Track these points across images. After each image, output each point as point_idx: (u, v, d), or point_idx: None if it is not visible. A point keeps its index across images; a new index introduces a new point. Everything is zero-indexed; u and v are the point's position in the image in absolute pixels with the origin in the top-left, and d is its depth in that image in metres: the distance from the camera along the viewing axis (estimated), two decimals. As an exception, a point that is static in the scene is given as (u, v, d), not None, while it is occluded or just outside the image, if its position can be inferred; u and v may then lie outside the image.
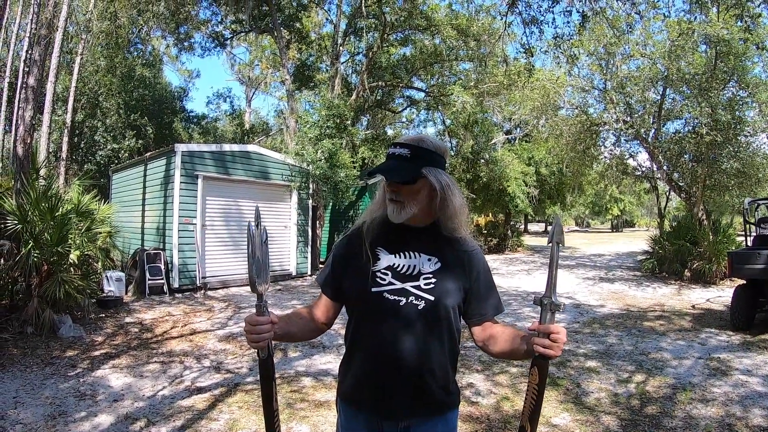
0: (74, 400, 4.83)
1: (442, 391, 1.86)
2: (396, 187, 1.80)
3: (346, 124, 14.58)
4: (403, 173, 1.78)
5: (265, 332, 1.65)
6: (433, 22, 16.66)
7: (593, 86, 16.69)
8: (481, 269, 1.93)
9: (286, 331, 1.88)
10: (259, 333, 1.64)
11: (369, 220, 1.94)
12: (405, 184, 1.79)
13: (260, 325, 1.64)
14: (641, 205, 58.98)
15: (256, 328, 1.65)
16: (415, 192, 1.80)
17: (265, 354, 1.67)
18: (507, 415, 4.73)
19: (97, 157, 22.39)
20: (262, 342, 1.65)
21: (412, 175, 1.78)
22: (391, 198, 1.81)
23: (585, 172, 21.44)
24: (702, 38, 13.32)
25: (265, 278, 1.71)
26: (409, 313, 1.78)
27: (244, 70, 36.47)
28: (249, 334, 1.66)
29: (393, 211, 1.81)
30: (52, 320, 7.05)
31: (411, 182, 1.79)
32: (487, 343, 1.90)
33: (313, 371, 6.01)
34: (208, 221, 12.19)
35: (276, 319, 1.69)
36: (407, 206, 1.80)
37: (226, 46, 22.47)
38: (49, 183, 8.79)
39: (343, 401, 1.94)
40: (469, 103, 16.84)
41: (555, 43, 9.04)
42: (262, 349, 1.67)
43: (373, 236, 1.90)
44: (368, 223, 1.93)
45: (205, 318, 8.96)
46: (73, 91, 19.32)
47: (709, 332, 8.25)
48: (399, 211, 1.80)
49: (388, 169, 1.80)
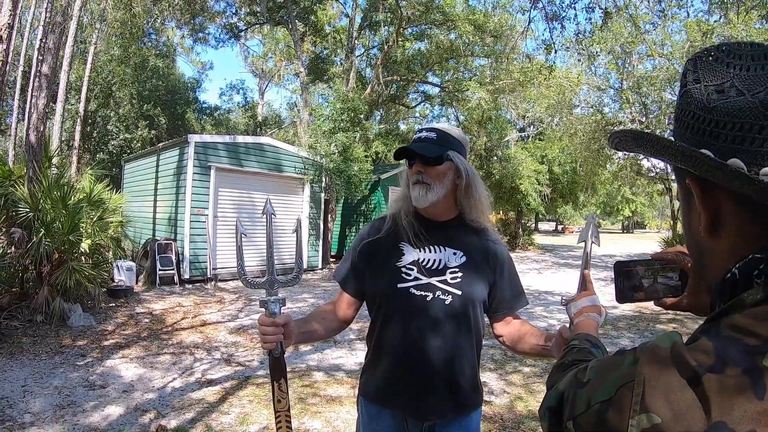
0: (83, 390, 4.81)
1: (471, 390, 1.83)
2: (422, 168, 1.75)
3: (360, 118, 14.49)
4: (431, 150, 1.74)
5: (270, 333, 1.59)
6: (450, 17, 16.51)
7: (609, 85, 16.56)
8: (505, 262, 1.89)
9: (308, 330, 1.83)
10: (265, 334, 1.59)
11: (392, 213, 1.89)
12: (431, 165, 1.74)
13: (267, 327, 1.59)
14: (652, 207, 58.73)
15: (262, 329, 1.60)
16: (441, 174, 1.76)
17: (277, 352, 1.62)
18: (520, 415, 4.66)
19: (110, 146, 22.48)
20: (268, 344, 1.60)
21: (438, 154, 1.74)
22: (417, 180, 1.76)
23: (598, 171, 21.29)
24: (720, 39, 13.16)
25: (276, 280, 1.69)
26: (437, 309, 1.74)
27: (258, 62, 36.39)
28: (260, 334, 1.62)
29: (419, 194, 1.75)
30: (62, 309, 7.05)
31: (437, 163, 1.75)
32: (511, 338, 1.86)
33: (324, 366, 5.96)
34: (220, 213, 12.17)
35: (283, 321, 1.61)
36: (434, 188, 1.75)
37: (240, 37, 22.48)
38: (61, 171, 8.79)
39: (366, 399, 1.89)
40: (484, 100, 16.71)
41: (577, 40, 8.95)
42: (273, 349, 1.61)
43: (396, 231, 1.85)
44: (391, 217, 1.89)
45: (215, 309, 8.94)
46: (87, 81, 19.37)
47: (724, 336, 8.13)
48: (425, 193, 1.75)
49: (416, 148, 1.75)
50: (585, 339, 1.23)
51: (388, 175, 17.41)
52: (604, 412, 0.65)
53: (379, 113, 25.15)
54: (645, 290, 1.12)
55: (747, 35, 12.06)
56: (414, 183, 1.76)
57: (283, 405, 1.65)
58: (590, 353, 1.14)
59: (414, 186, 1.76)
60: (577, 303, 1.44)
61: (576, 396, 0.73)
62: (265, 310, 1.62)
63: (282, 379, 1.64)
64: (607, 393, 0.66)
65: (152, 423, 4.15)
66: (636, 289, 1.12)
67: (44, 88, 8.01)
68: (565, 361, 1.09)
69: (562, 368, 1.05)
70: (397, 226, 1.85)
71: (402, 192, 1.87)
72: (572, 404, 0.74)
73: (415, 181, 1.76)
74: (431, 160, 1.74)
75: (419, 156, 1.75)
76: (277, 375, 1.64)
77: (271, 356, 1.62)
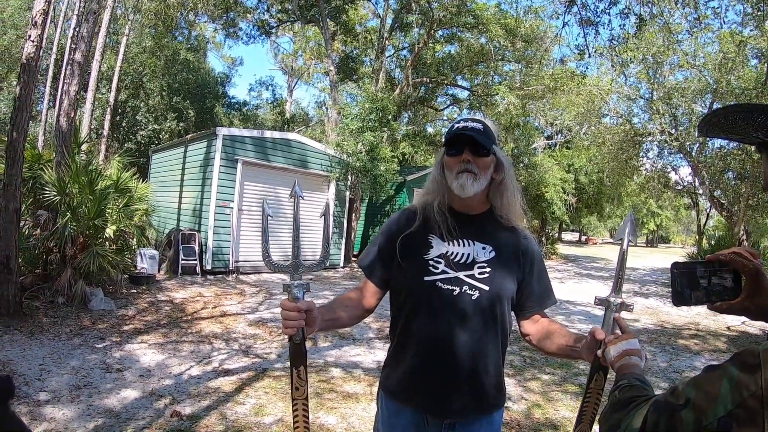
0: (100, 372, 4.85)
1: (495, 390, 1.79)
2: (471, 157, 1.71)
3: (389, 119, 14.47)
4: (485, 140, 1.71)
5: (293, 319, 1.55)
6: (481, 20, 16.44)
7: (639, 95, 16.33)
8: (535, 259, 1.85)
9: (332, 318, 1.80)
10: (288, 319, 1.55)
11: (423, 204, 1.85)
12: (480, 156, 1.72)
13: (289, 311, 1.55)
14: (678, 221, 57.87)
15: (285, 314, 1.56)
16: (486, 165, 1.74)
17: (298, 338, 1.58)
18: (538, 422, 4.60)
19: (138, 136, 22.77)
20: (289, 329, 1.56)
21: (489, 145, 1.72)
22: (465, 169, 1.71)
23: (625, 182, 21.02)
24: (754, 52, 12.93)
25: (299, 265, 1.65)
26: (464, 304, 1.70)
27: (287, 60, 36.57)
28: (282, 319, 1.58)
29: (467, 182, 1.71)
30: (84, 292, 7.14)
31: (486, 154, 1.73)
32: (539, 337, 1.82)
33: (342, 362, 5.94)
34: (245, 206, 12.24)
35: (306, 306, 1.57)
36: (480, 179, 1.72)
37: (271, 34, 22.61)
38: (89, 158, 8.90)
39: (387, 395, 1.85)
40: (513, 105, 16.60)
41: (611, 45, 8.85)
42: (295, 335, 1.58)
43: (426, 223, 1.82)
44: (422, 208, 1.85)
45: (236, 301, 8.97)
46: (118, 71, 19.64)
47: (746, 355, 7.95)
48: (472, 182, 1.71)
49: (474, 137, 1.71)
50: (633, 378, 1.19)
51: (413, 177, 17.38)
52: (729, 425, 0.63)
53: (407, 115, 25.12)
54: (702, 292, 1.10)
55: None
56: (461, 171, 1.72)
57: (301, 393, 1.62)
58: (644, 389, 1.10)
59: (460, 174, 1.72)
60: (618, 346, 1.39)
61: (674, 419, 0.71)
62: (288, 294, 1.58)
63: (302, 366, 1.61)
64: (724, 407, 0.64)
65: (167, 408, 4.16)
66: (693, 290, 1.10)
67: (76, 76, 8.12)
68: (621, 399, 1.06)
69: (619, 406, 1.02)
70: (427, 217, 1.82)
71: (436, 182, 1.83)
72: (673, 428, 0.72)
73: (463, 170, 1.72)
74: (482, 150, 1.72)
75: (470, 145, 1.72)
76: (297, 361, 1.61)
77: (292, 342, 1.59)
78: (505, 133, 21.56)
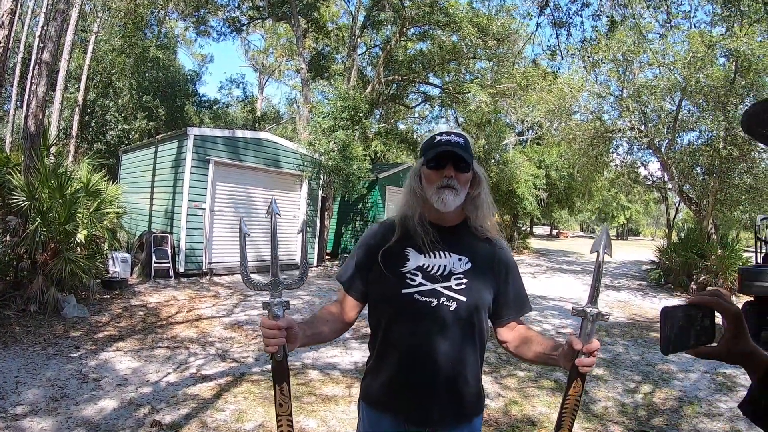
0: (77, 383, 4.77)
1: (474, 398, 1.82)
2: (455, 173, 1.74)
3: (360, 117, 14.46)
4: (468, 156, 1.74)
5: (272, 337, 1.55)
6: (454, 18, 16.48)
7: (609, 93, 16.54)
8: (510, 269, 1.89)
9: (314, 333, 1.79)
10: (268, 337, 1.55)
11: (402, 217, 1.87)
12: (461, 171, 1.75)
13: (269, 329, 1.55)
14: (647, 215, 58.87)
15: (265, 332, 1.56)
16: (466, 180, 1.78)
17: (280, 356, 1.59)
18: (515, 419, 4.68)
19: (108, 136, 22.39)
20: (271, 347, 1.56)
21: (470, 161, 1.76)
22: (447, 185, 1.74)
23: (595, 178, 21.33)
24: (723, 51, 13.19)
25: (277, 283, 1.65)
26: (441, 315, 1.73)
27: (258, 57, 36.26)
28: (263, 337, 1.58)
29: (448, 198, 1.74)
30: (56, 299, 7.02)
31: (467, 170, 1.76)
32: (517, 344, 1.85)
33: (320, 364, 5.95)
34: (217, 207, 12.14)
35: (286, 324, 1.57)
36: (460, 193, 1.76)
37: (242, 32, 22.34)
38: (59, 161, 8.73)
39: (368, 404, 1.87)
40: (485, 102, 16.70)
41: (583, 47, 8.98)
42: (276, 353, 1.58)
43: (401, 235, 1.84)
44: (401, 221, 1.86)
45: (210, 304, 8.91)
46: (87, 70, 19.29)
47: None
48: (454, 197, 1.74)
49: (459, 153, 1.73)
50: None
51: (386, 175, 17.41)
52: None
53: (379, 112, 25.13)
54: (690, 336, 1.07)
55: (749, 48, 12.10)
56: (442, 187, 1.74)
57: (285, 409, 1.63)
58: None
59: (441, 190, 1.74)
60: None
61: None
62: (268, 312, 1.58)
63: (284, 383, 1.62)
64: None
65: (147, 418, 4.12)
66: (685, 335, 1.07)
67: (44, 76, 7.96)
68: None
69: None
70: (405, 230, 1.84)
71: (414, 194, 1.84)
72: None
73: (444, 185, 1.74)
74: (463, 166, 1.75)
75: (453, 160, 1.74)
76: (279, 379, 1.61)
77: (274, 360, 1.59)
78: (477, 129, 21.71)
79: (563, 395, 1.59)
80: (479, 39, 16.92)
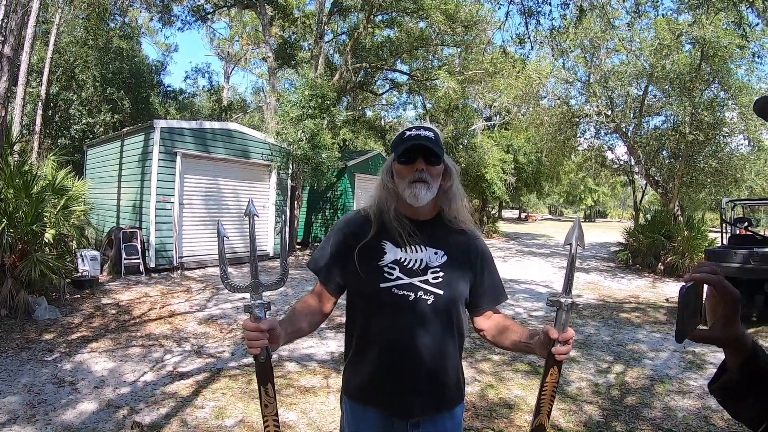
0: (53, 387, 4.70)
1: (454, 388, 1.86)
2: (426, 167, 1.76)
3: (328, 105, 14.38)
4: (438, 149, 1.76)
5: (254, 339, 1.54)
6: (421, 5, 16.42)
7: (577, 78, 16.74)
8: (486, 260, 1.92)
9: (295, 330, 1.80)
10: (251, 339, 1.55)
11: (378, 210, 1.87)
12: (432, 165, 1.77)
13: (252, 332, 1.54)
14: (615, 197, 59.78)
15: (247, 334, 1.55)
16: (438, 173, 1.80)
17: (263, 357, 1.59)
18: (492, 402, 4.76)
19: (72, 131, 21.90)
20: (253, 349, 1.56)
21: (441, 154, 1.78)
22: (420, 178, 1.75)
23: (563, 162, 21.59)
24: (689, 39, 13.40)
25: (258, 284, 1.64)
26: (420, 309, 1.75)
27: (224, 45, 35.72)
28: (245, 340, 1.57)
29: (420, 192, 1.75)
30: (27, 302, 6.87)
31: (438, 163, 1.78)
32: (494, 333, 1.89)
33: (296, 356, 5.96)
34: (186, 200, 12.00)
35: (268, 326, 1.56)
36: (432, 187, 1.77)
37: (207, 20, 21.95)
38: (23, 159, 8.53)
39: (350, 398, 1.89)
40: (453, 89, 16.74)
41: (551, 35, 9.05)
42: (259, 354, 1.58)
43: (378, 229, 1.84)
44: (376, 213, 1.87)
45: (183, 299, 8.83)
46: (49, 63, 18.79)
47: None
48: (426, 191, 1.76)
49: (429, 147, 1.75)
50: None
51: (355, 162, 17.39)
52: None
53: (346, 100, 24.99)
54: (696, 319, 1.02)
55: (715, 36, 12.32)
56: (414, 181, 1.75)
57: (270, 410, 1.63)
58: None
59: (414, 184, 1.75)
60: None
61: None
62: (249, 315, 1.57)
63: (269, 384, 1.62)
64: None
65: (127, 419, 4.09)
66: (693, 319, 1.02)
67: (5, 71, 7.76)
68: None
69: None
70: (382, 224, 1.84)
71: (387, 189, 1.85)
72: None
73: (417, 179, 1.75)
74: (434, 159, 1.76)
75: (423, 154, 1.75)
76: (263, 380, 1.61)
77: (257, 361, 1.59)
78: (445, 116, 21.79)
79: (540, 383, 1.63)
80: (447, 26, 16.89)
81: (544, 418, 1.66)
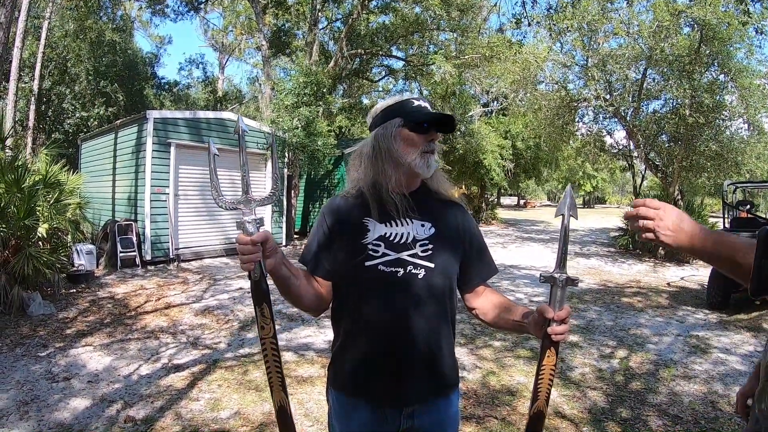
0: (47, 383, 4.61)
1: (449, 369, 1.77)
2: (436, 137, 1.73)
3: (324, 92, 14.27)
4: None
5: (247, 253, 1.47)
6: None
7: (574, 62, 16.56)
8: (474, 233, 1.85)
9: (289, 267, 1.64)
10: (243, 254, 1.47)
11: (362, 186, 1.77)
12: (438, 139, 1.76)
13: (244, 246, 1.48)
14: (614, 183, 59.70)
15: (240, 248, 1.48)
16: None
17: (257, 274, 1.51)
18: (494, 389, 4.70)
19: (66, 125, 21.76)
20: (246, 264, 1.49)
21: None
22: (431, 149, 1.72)
23: (562, 147, 21.45)
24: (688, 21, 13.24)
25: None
26: (410, 285, 1.66)
27: (218, 36, 35.57)
28: (239, 254, 1.50)
29: (430, 162, 1.71)
30: (20, 298, 6.78)
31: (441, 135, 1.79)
32: (485, 311, 1.81)
33: (294, 345, 5.89)
34: (181, 191, 11.89)
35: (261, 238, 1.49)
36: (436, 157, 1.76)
37: (199, 10, 21.84)
38: (15, 153, 8.42)
39: (337, 391, 1.78)
40: (449, 74, 16.62)
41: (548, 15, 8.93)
42: (253, 271, 1.50)
43: (361, 206, 1.75)
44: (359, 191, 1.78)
45: (179, 291, 8.76)
46: (41, 57, 18.67)
47: (686, 310, 8.31)
48: (434, 162, 1.73)
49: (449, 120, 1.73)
50: None
51: (351, 150, 17.23)
52: None
53: (342, 87, 24.87)
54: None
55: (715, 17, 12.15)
56: (426, 152, 1.70)
57: (267, 331, 1.57)
58: None
59: (425, 155, 1.70)
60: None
61: None
62: (242, 231, 1.52)
63: (264, 304, 1.55)
64: None
65: (120, 414, 4.01)
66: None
67: (-7, 65, 7.64)
68: None
69: None
70: (365, 200, 1.75)
71: (391, 157, 1.72)
72: None
73: (429, 150, 1.71)
74: (448, 130, 1.77)
75: (439, 126, 1.74)
76: (259, 300, 1.55)
77: (251, 279, 1.52)
78: (442, 102, 21.63)
79: (537, 366, 1.56)
80: (443, 10, 16.75)
81: (542, 403, 1.59)
